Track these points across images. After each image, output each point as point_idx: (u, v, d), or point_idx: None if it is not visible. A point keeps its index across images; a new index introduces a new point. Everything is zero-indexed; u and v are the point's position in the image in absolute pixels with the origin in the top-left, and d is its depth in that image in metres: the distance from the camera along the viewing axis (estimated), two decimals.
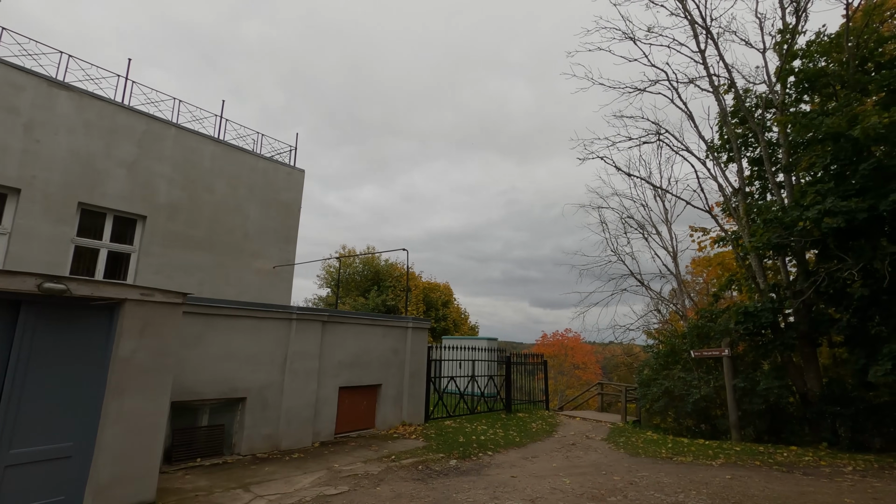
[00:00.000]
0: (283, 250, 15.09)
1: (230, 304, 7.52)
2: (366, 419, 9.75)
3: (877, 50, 11.88)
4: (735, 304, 13.57)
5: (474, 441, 9.39)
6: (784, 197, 11.99)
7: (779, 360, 12.16)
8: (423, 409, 10.88)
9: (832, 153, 9.93)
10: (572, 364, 49.16)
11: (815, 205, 9.52)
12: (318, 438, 8.61)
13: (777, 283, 11.91)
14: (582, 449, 9.98)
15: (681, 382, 13.09)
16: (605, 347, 49.75)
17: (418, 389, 10.77)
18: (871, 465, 8.75)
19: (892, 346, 8.96)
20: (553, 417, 14.46)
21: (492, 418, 12.68)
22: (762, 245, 10.27)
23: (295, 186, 15.70)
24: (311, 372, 8.48)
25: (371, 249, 27.80)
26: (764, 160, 12.18)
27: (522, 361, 15.58)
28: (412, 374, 10.65)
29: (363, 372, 9.62)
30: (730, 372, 12.08)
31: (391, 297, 25.32)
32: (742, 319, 11.80)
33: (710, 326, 13.58)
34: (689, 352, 13.37)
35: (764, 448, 10.27)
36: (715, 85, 14.11)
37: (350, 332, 9.41)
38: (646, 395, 14.00)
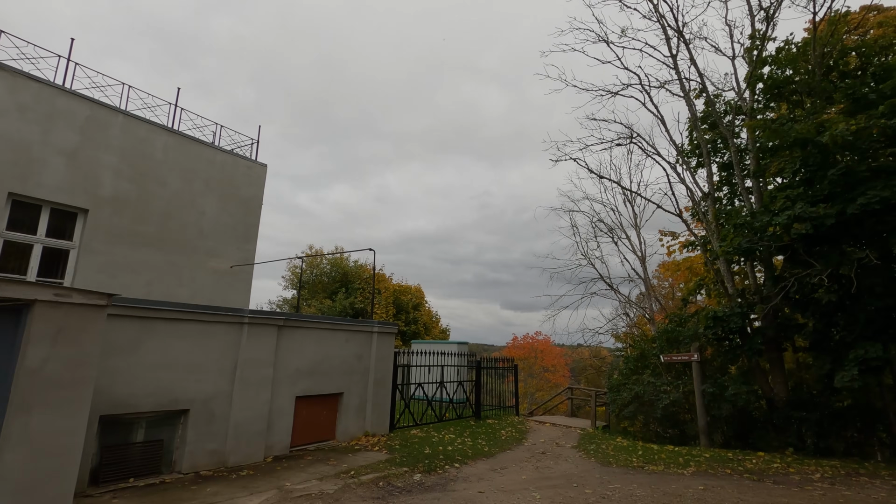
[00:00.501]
0: (241, 249, 14.26)
1: (172, 306, 6.81)
2: (325, 430, 9.12)
3: (841, 59, 12.11)
4: (704, 309, 13.59)
5: (441, 452, 8.91)
6: (752, 202, 12.04)
7: (746, 365, 12.18)
8: (389, 418, 10.33)
9: (801, 159, 9.96)
10: (542, 367, 49.32)
11: (785, 210, 9.50)
12: (272, 453, 7.95)
13: (745, 287, 11.94)
14: (552, 458, 9.64)
15: (650, 387, 12.98)
16: (574, 350, 50.09)
17: (383, 397, 10.21)
18: (838, 472, 8.72)
19: (857, 352, 8.99)
20: (523, 423, 14.13)
21: (461, 426, 12.23)
22: (732, 249, 10.22)
23: (256, 182, 14.90)
24: (264, 381, 7.82)
25: (339, 249, 26.99)
26: (733, 165, 12.22)
27: (493, 366, 15.21)
28: (377, 382, 10.08)
29: (323, 380, 9.00)
30: (699, 377, 12.03)
31: (360, 300, 24.58)
32: (711, 324, 11.75)
33: (679, 331, 13.54)
34: (659, 356, 13.29)
35: (733, 454, 10.18)
36: (686, 90, 14.14)
37: (309, 338, 8.78)
38: (616, 400, 13.85)
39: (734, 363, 12.73)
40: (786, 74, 12.43)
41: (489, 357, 15.19)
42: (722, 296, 13.18)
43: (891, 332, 9.29)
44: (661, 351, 13.43)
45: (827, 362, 9.96)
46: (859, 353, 8.93)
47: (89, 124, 11.21)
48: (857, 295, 9.56)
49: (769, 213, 9.99)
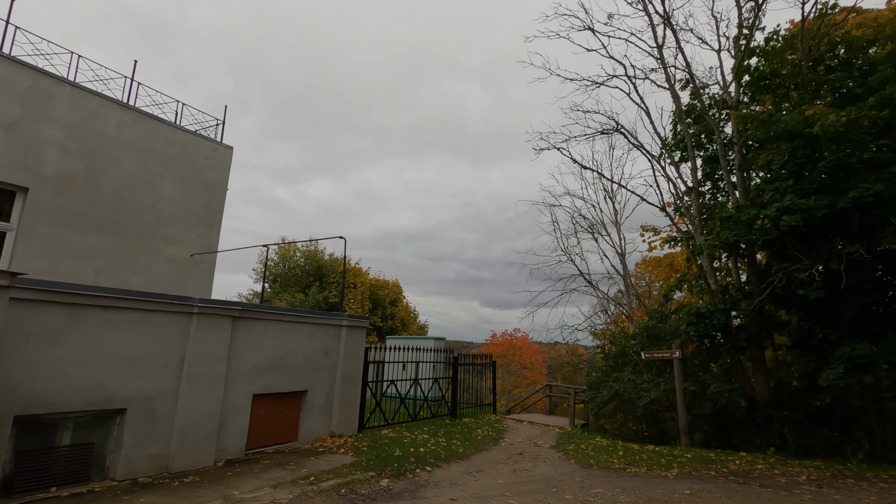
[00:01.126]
0: (203, 236, 13.35)
1: (106, 291, 6.00)
2: (287, 431, 8.41)
3: (828, 53, 11.90)
4: (686, 306, 13.30)
5: (412, 454, 8.29)
6: (738, 196, 11.74)
7: (727, 362, 11.91)
8: (358, 417, 9.66)
9: (790, 151, 9.66)
10: (520, 364, 49.22)
11: (774, 202, 9.18)
12: (224, 456, 7.20)
13: (728, 283, 11.66)
14: (530, 459, 9.13)
15: (631, 385, 12.62)
16: (552, 347, 50.12)
17: (352, 395, 9.53)
18: (823, 474, 8.44)
19: (843, 350, 8.73)
20: (500, 422, 13.63)
21: (435, 425, 11.64)
22: (719, 243, 9.87)
23: (221, 165, 13.97)
24: (216, 377, 7.06)
25: (311, 240, 26.02)
26: (719, 158, 11.90)
27: (470, 362, 14.66)
28: (345, 379, 9.40)
29: (285, 377, 8.28)
30: (680, 375, 11.71)
31: (335, 294, 23.74)
32: (694, 320, 11.42)
33: (660, 327, 13.23)
34: (640, 353, 12.95)
35: (715, 455, 9.86)
36: (671, 82, 13.79)
37: (270, 331, 8.04)
38: (595, 398, 13.46)
39: (716, 361, 12.47)
40: (772, 67, 12.17)
41: (467, 353, 14.65)
42: (704, 292, 12.91)
43: (876, 329, 9.06)
44: (642, 348, 13.09)
45: (812, 360, 9.71)
46: (846, 351, 8.66)
47: (31, 95, 10.19)
48: (844, 291, 9.31)
49: (757, 206, 9.66)
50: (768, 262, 10.73)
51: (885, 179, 8.28)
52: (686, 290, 14.58)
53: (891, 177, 8.32)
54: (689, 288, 13.83)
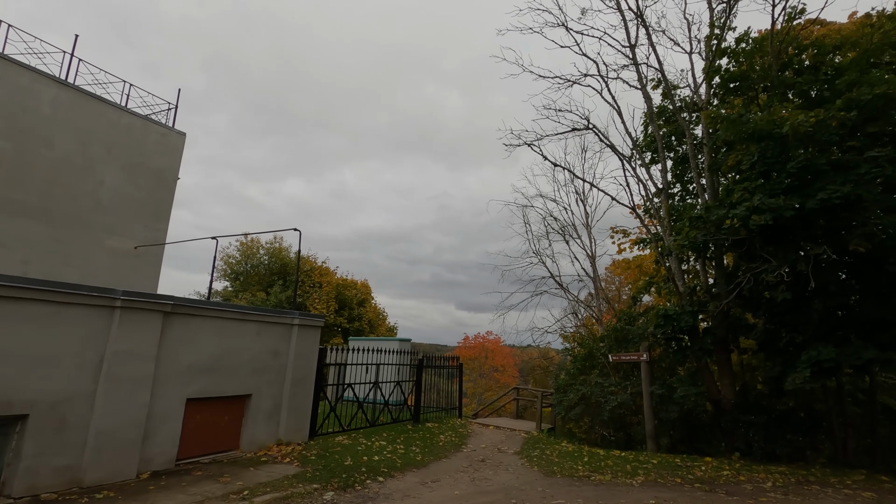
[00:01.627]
0: (150, 228, 12.44)
1: (3, 279, 5.22)
2: (227, 439, 7.69)
3: (796, 57, 11.94)
4: (654, 308, 13.13)
5: (364, 463, 7.70)
6: (707, 198, 11.62)
7: (694, 366, 11.74)
8: (309, 423, 8.99)
9: (759, 151, 9.53)
10: (492, 367, 48.96)
11: (744, 202, 9.00)
12: (150, 467, 6.46)
13: (697, 285, 11.51)
14: (492, 467, 8.66)
15: (598, 388, 12.33)
16: (524, 350, 50.16)
17: (303, 400, 8.86)
18: (788, 480, 8.25)
19: (810, 353, 8.59)
20: (465, 427, 13.14)
21: (395, 431, 11.05)
22: (688, 243, 9.65)
23: (172, 152, 13.07)
24: (142, 379, 6.32)
25: (278, 239, 25.02)
26: (690, 159, 11.76)
27: (436, 365, 14.12)
28: (296, 382, 8.72)
29: (226, 379, 7.56)
30: (647, 378, 11.47)
31: (299, 293, 22.81)
32: (662, 323, 11.21)
33: (628, 329, 13.02)
34: (608, 356, 12.68)
35: (681, 460, 9.61)
36: (643, 82, 13.65)
37: (209, 328, 7.33)
38: (562, 402, 13.13)
39: (682, 364, 12.31)
40: (742, 69, 12.14)
41: (432, 356, 14.12)
42: (672, 294, 12.75)
43: (840, 333, 8.97)
44: (610, 350, 12.84)
45: (778, 364, 9.57)
46: (812, 355, 8.52)
47: None
48: (810, 294, 9.21)
49: (726, 206, 9.49)
50: (736, 265, 10.61)
51: (852, 181, 8.19)
52: (654, 293, 14.46)
53: (858, 179, 8.23)
54: (658, 290, 13.69)
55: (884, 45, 10.72)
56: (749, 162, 9.69)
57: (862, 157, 8.56)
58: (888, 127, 9.03)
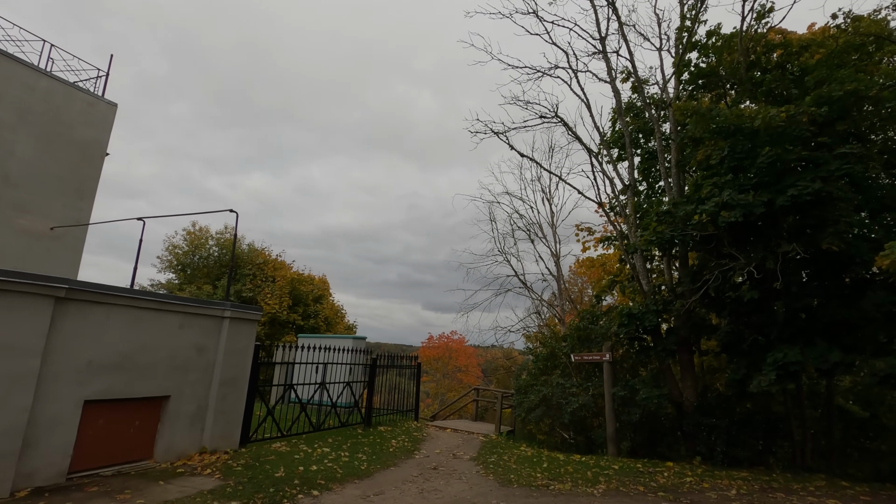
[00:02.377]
0: (70, 207, 11.07)
1: None
2: (138, 447, 6.64)
3: (764, 55, 11.82)
4: (618, 307, 12.77)
5: (299, 474, 6.82)
6: (674, 195, 11.32)
7: (657, 367, 11.41)
8: (240, 429, 8.01)
9: (729, 146, 9.23)
10: (455, 367, 48.44)
11: (713, 197, 8.66)
12: (32, 483, 5.38)
13: (661, 285, 11.19)
14: (444, 475, 7.94)
15: (559, 389, 11.83)
16: (487, 351, 49.95)
17: (233, 402, 7.87)
18: (752, 487, 7.93)
19: (775, 355, 8.31)
20: (421, 430, 12.37)
21: (343, 436, 10.17)
22: (655, 239, 9.25)
23: (99, 124, 11.71)
24: (22, 378, 5.24)
25: (230, 229, 23.43)
26: (658, 154, 11.42)
27: (391, 364, 13.29)
28: (226, 382, 7.73)
29: (139, 378, 6.52)
30: (609, 379, 11.05)
31: (249, 287, 21.45)
32: (625, 322, 10.82)
33: (591, 329, 12.60)
34: (570, 356, 12.22)
35: (643, 466, 9.19)
36: (612, 75, 13.30)
37: (117, 319, 6.27)
38: (522, 403, 12.57)
39: (645, 365, 11.98)
40: (711, 65, 11.94)
41: (388, 354, 13.30)
42: (636, 293, 12.43)
43: (805, 335, 8.75)
44: (573, 350, 12.39)
45: (742, 366, 9.29)
46: (778, 357, 8.24)
47: None
48: (776, 295, 8.97)
49: (694, 202, 9.14)
50: (702, 263, 10.32)
51: (823, 178, 7.95)
52: (618, 292, 14.15)
53: (828, 175, 8.00)
54: (622, 289, 13.37)
55: (849, 47, 10.69)
56: (719, 157, 9.37)
57: (832, 153, 8.35)
58: (858, 126, 8.88)
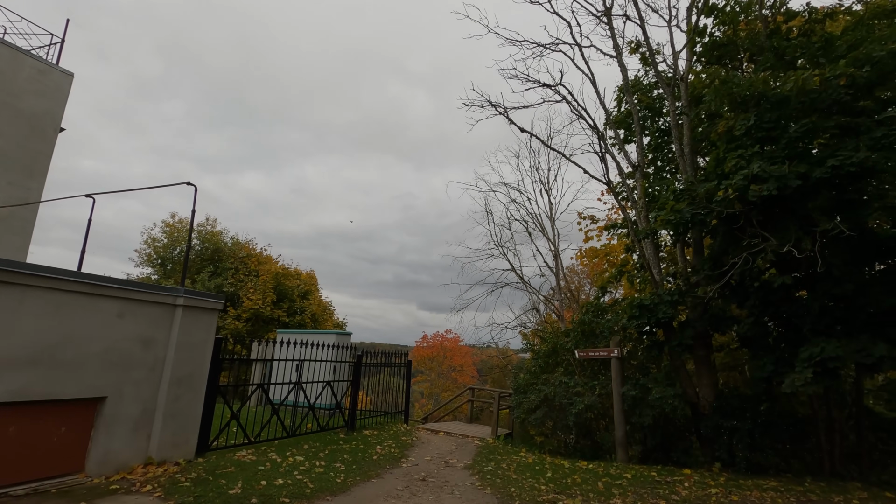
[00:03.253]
0: (17, 185, 9.90)
1: None
2: (65, 459, 5.51)
3: (784, 23, 10.84)
4: (626, 298, 11.76)
5: (260, 490, 5.72)
6: (689, 173, 10.29)
7: (669, 364, 10.38)
8: (197, 435, 6.89)
9: (756, 115, 8.21)
10: (450, 366, 47.41)
11: (739, 171, 7.63)
12: None
13: (675, 272, 10.16)
14: (434, 489, 6.86)
15: (562, 389, 10.79)
16: (482, 350, 48.98)
17: (188, 405, 6.75)
18: (787, 499, 6.91)
19: (811, 350, 7.29)
20: (410, 434, 11.29)
21: (322, 441, 9.07)
22: (674, 219, 8.20)
23: (53, 94, 10.53)
24: None
25: (210, 221, 22.24)
26: (671, 128, 10.39)
27: (380, 362, 12.20)
28: (179, 381, 6.61)
29: (63, 376, 5.40)
30: (619, 377, 10.02)
31: (231, 282, 20.28)
32: (637, 314, 9.79)
33: (596, 323, 11.56)
34: (573, 352, 11.18)
35: (658, 474, 8.16)
36: (619, 50, 12.26)
37: (33, 304, 5.15)
38: (521, 404, 11.52)
39: (657, 362, 10.96)
40: (728, 35, 10.94)
41: (376, 351, 12.21)
42: (646, 283, 11.43)
43: (846, 326, 7.74)
44: (576, 345, 11.35)
45: (769, 363, 8.27)
46: (814, 352, 7.22)
47: None
48: (810, 281, 7.96)
49: (716, 177, 8.12)
50: (721, 248, 9.29)
51: (868, 147, 6.94)
52: (626, 282, 13.14)
53: (873, 144, 6.99)
54: (630, 280, 12.36)
55: (878, 13, 9.73)
56: (743, 127, 8.35)
57: (874, 120, 7.35)
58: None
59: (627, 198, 12.29)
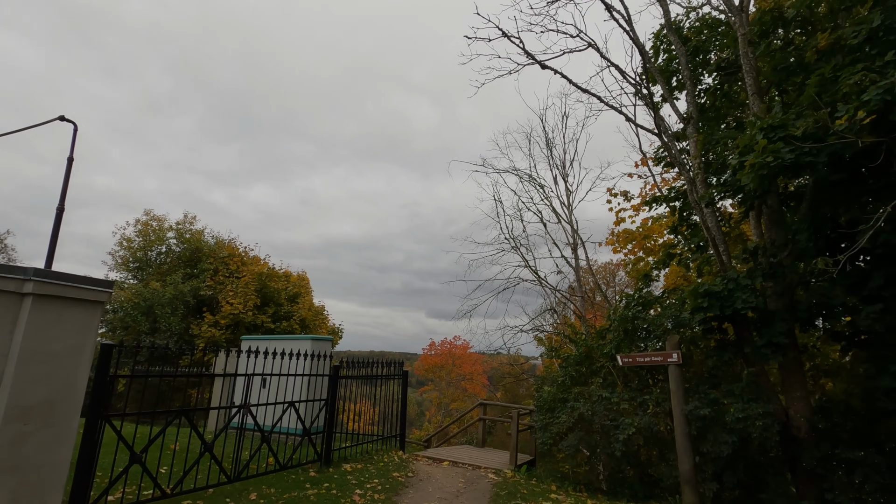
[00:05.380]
0: None
1: None
2: None
3: None
4: (678, 289, 9.24)
5: None
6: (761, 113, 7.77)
7: (747, 371, 7.78)
8: (60, 494, 4.46)
9: (882, 13, 5.74)
10: (459, 375, 44.90)
11: (872, 85, 5.14)
12: None
13: (757, 247, 7.61)
14: None
15: (603, 406, 8.26)
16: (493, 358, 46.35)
17: (43, 449, 4.33)
18: None
19: None
20: (406, 467, 8.79)
21: (280, 487, 6.61)
22: (772, 162, 5.68)
23: None
24: None
25: (189, 218, 19.98)
26: (741, 58, 7.87)
27: (366, 375, 9.72)
28: (26, 413, 4.21)
29: None
30: (680, 390, 7.48)
31: (209, 284, 17.97)
32: (704, 304, 7.29)
33: (641, 319, 9.05)
34: (615, 356, 8.65)
35: None
36: None
37: None
38: (548, 426, 8.96)
39: (726, 369, 8.36)
40: None
41: (360, 360, 9.76)
42: (708, 264, 8.93)
43: None
44: (618, 349, 8.82)
45: None
46: None
47: None
48: None
49: (827, 104, 5.64)
50: (828, 206, 6.75)
51: None
52: (672, 271, 10.63)
53: None
54: (684, 264, 9.82)
55: None
56: (863, 32, 5.87)
57: None
58: None
59: (675, 161, 9.79)
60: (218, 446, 6.57)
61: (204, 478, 6.14)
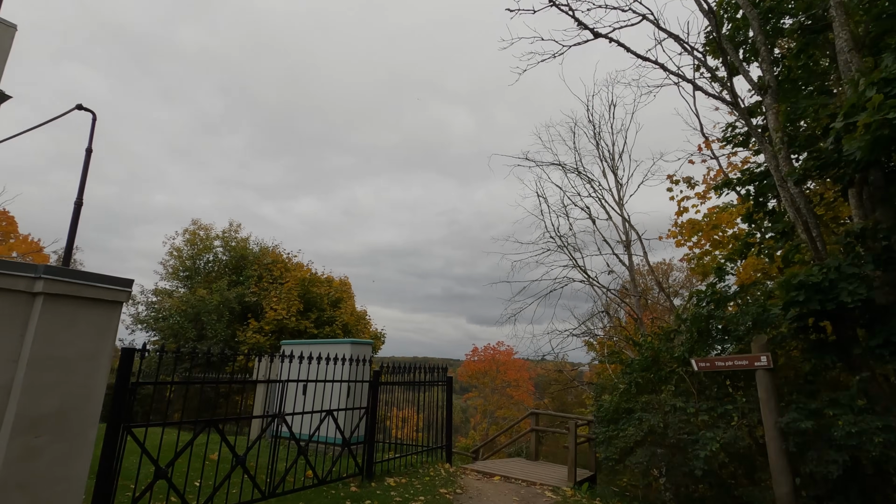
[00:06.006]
0: None
1: None
2: None
3: None
4: (759, 283, 8.09)
5: None
6: None
7: (858, 378, 6.56)
8: None
9: None
10: (504, 381, 43.86)
11: None
12: None
13: (865, 229, 6.41)
14: None
15: (677, 417, 7.25)
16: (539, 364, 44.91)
17: (56, 464, 3.94)
18: None
19: None
20: (453, 482, 8.07)
21: (319, 502, 6.08)
22: (894, 119, 4.63)
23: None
24: None
25: (234, 227, 20.32)
26: (832, 7, 6.73)
27: (408, 381, 9.11)
28: (36, 424, 3.83)
29: None
30: (772, 399, 6.41)
31: (254, 291, 18.06)
32: (800, 297, 6.19)
33: (717, 317, 7.96)
34: (689, 361, 7.60)
35: None
36: None
37: None
38: (612, 440, 8.00)
39: (824, 374, 7.13)
40: None
41: (402, 365, 9.18)
42: (796, 252, 7.74)
43: None
44: (691, 352, 7.77)
45: None
46: None
47: None
48: None
49: None
50: None
51: None
52: (749, 263, 9.40)
53: None
54: (767, 254, 8.62)
55: None
56: None
57: None
58: None
59: (746, 140, 8.65)
60: (252, 458, 6.12)
61: (237, 493, 5.67)
